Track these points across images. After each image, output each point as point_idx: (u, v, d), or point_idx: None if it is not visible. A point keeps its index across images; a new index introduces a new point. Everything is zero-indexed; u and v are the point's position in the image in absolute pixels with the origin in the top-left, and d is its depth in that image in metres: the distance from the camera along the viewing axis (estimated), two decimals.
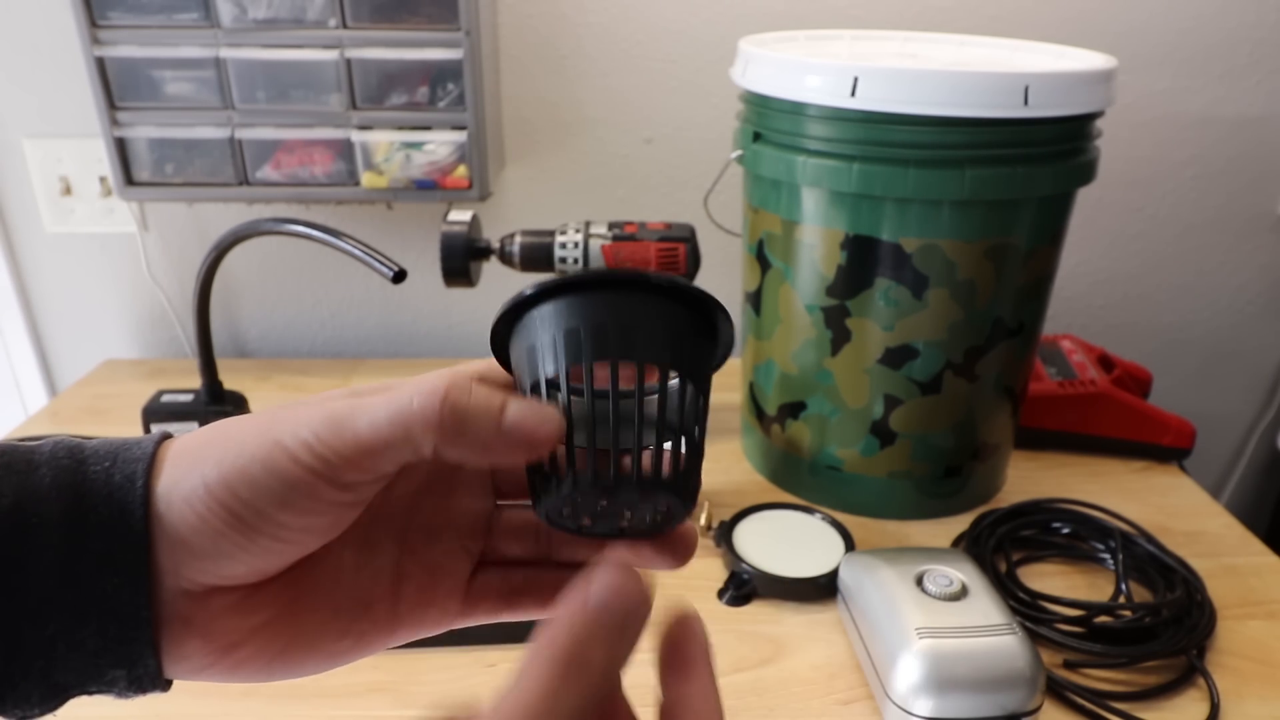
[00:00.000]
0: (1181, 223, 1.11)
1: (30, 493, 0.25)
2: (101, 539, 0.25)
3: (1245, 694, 0.61)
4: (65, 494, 0.25)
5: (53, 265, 1.08)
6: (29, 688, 0.25)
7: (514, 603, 0.31)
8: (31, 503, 0.25)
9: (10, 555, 0.24)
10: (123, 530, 0.25)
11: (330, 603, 0.29)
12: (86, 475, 0.26)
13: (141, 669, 0.26)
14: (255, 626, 0.27)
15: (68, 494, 0.25)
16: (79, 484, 0.25)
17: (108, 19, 0.86)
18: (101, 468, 0.26)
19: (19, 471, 0.25)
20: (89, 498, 0.25)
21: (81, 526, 0.25)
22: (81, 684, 0.26)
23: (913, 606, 0.58)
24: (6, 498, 0.25)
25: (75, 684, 0.26)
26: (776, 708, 0.59)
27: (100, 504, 0.25)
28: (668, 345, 0.28)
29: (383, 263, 0.71)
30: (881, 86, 0.64)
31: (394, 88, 0.90)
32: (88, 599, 0.25)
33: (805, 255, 0.73)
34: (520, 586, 0.31)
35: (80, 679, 0.25)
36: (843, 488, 0.79)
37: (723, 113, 1.02)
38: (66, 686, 0.25)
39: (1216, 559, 0.74)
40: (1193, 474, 0.89)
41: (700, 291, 0.29)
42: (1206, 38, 1.02)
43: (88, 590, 0.25)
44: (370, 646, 0.30)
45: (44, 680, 0.25)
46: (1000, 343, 0.73)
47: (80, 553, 0.25)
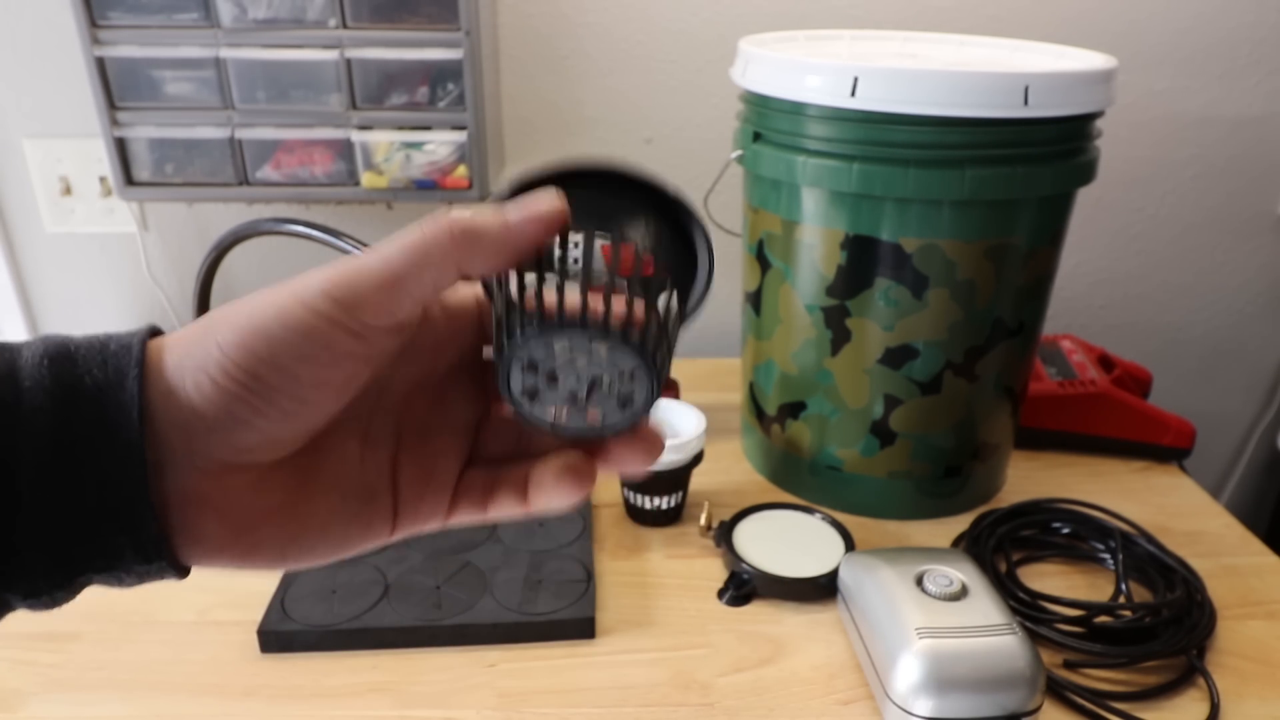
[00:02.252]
0: (1181, 223, 1.11)
1: (17, 363, 0.25)
2: (94, 404, 0.25)
3: (1245, 694, 0.61)
4: (55, 363, 0.25)
5: (53, 265, 1.08)
6: (34, 557, 0.25)
7: (494, 498, 0.32)
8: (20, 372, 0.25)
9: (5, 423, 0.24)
10: (117, 395, 0.25)
11: (338, 489, 0.30)
12: (75, 347, 0.26)
13: (145, 534, 0.26)
14: (270, 508, 0.28)
15: (57, 363, 0.25)
16: (69, 354, 0.25)
17: (108, 19, 0.86)
18: (95, 341, 0.26)
19: (10, 348, 0.25)
20: (80, 364, 0.25)
21: (75, 390, 0.25)
22: (88, 557, 0.25)
23: (913, 606, 0.58)
24: None
25: (82, 557, 0.25)
26: (776, 708, 0.59)
27: (94, 368, 0.25)
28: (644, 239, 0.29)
29: None
30: (881, 86, 0.64)
31: (394, 88, 0.90)
32: (84, 463, 0.25)
33: (805, 255, 0.73)
34: (498, 482, 0.32)
35: (86, 551, 0.25)
36: (843, 488, 0.79)
37: (723, 113, 1.02)
38: (74, 560, 0.25)
39: (1216, 559, 0.74)
40: (1193, 474, 0.89)
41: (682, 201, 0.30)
42: (1206, 38, 1.02)
43: (83, 454, 0.25)
44: (375, 537, 0.31)
45: (49, 549, 0.25)
46: (1000, 343, 0.73)
47: (73, 416, 0.25)
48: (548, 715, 0.58)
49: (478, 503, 0.32)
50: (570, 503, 0.30)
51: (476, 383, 0.33)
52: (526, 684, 0.61)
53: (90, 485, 0.25)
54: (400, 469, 0.32)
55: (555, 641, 0.64)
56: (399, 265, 0.26)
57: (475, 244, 0.26)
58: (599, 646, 0.64)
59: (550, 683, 0.61)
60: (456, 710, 0.59)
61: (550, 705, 0.59)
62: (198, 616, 0.66)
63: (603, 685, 0.61)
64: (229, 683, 0.60)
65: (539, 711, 0.59)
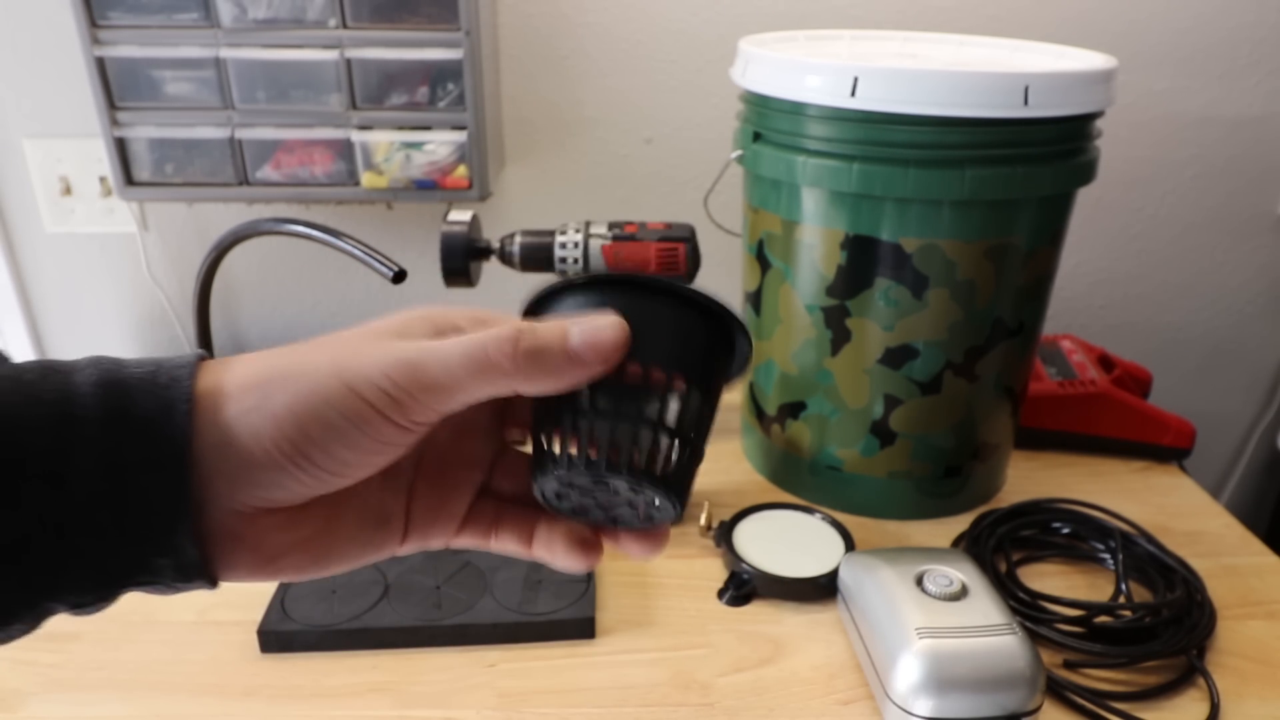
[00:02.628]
0: (1181, 223, 1.11)
1: (72, 390, 0.26)
2: (142, 437, 0.26)
3: (1245, 694, 0.61)
4: (107, 392, 0.26)
5: (53, 265, 1.08)
6: (80, 573, 0.26)
7: (497, 532, 0.34)
8: (73, 400, 0.26)
9: (54, 447, 0.25)
10: (164, 429, 0.26)
11: (359, 517, 0.32)
12: (126, 376, 0.27)
13: (186, 558, 0.27)
14: (297, 541, 0.30)
15: (110, 391, 0.26)
16: (120, 383, 0.26)
17: (108, 19, 0.86)
18: (144, 371, 0.27)
19: (61, 372, 0.26)
20: (131, 395, 0.26)
21: (122, 422, 0.26)
22: (130, 573, 0.27)
23: (913, 606, 0.58)
24: (50, 393, 0.26)
25: (124, 573, 0.27)
26: (776, 708, 0.59)
27: (142, 400, 0.26)
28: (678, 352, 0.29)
29: (383, 263, 0.71)
30: (881, 86, 0.64)
31: (394, 88, 0.90)
32: (130, 493, 0.26)
33: (805, 255, 0.73)
34: (504, 519, 0.34)
35: (128, 568, 0.27)
36: (843, 488, 0.79)
37: (723, 113, 1.02)
38: (117, 575, 0.27)
39: (1216, 559, 0.74)
40: (1193, 474, 0.89)
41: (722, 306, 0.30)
42: (1206, 38, 1.02)
43: (130, 485, 0.26)
44: (382, 553, 0.33)
45: (94, 566, 0.26)
46: (1000, 343, 0.73)
47: (121, 447, 0.26)
48: (548, 715, 0.58)
49: (483, 531, 0.34)
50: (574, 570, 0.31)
51: (497, 419, 0.35)
52: (526, 684, 0.61)
53: (135, 514, 0.26)
54: (416, 497, 0.34)
55: (555, 641, 0.64)
56: (459, 377, 0.27)
57: (537, 368, 0.27)
58: (599, 646, 0.64)
59: (550, 683, 0.61)
60: (456, 710, 0.59)
61: (550, 705, 0.59)
62: (198, 616, 0.66)
63: (603, 685, 0.61)
64: (229, 683, 0.61)
65: (539, 711, 0.59)
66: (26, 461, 0.25)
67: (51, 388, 0.26)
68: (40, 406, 0.25)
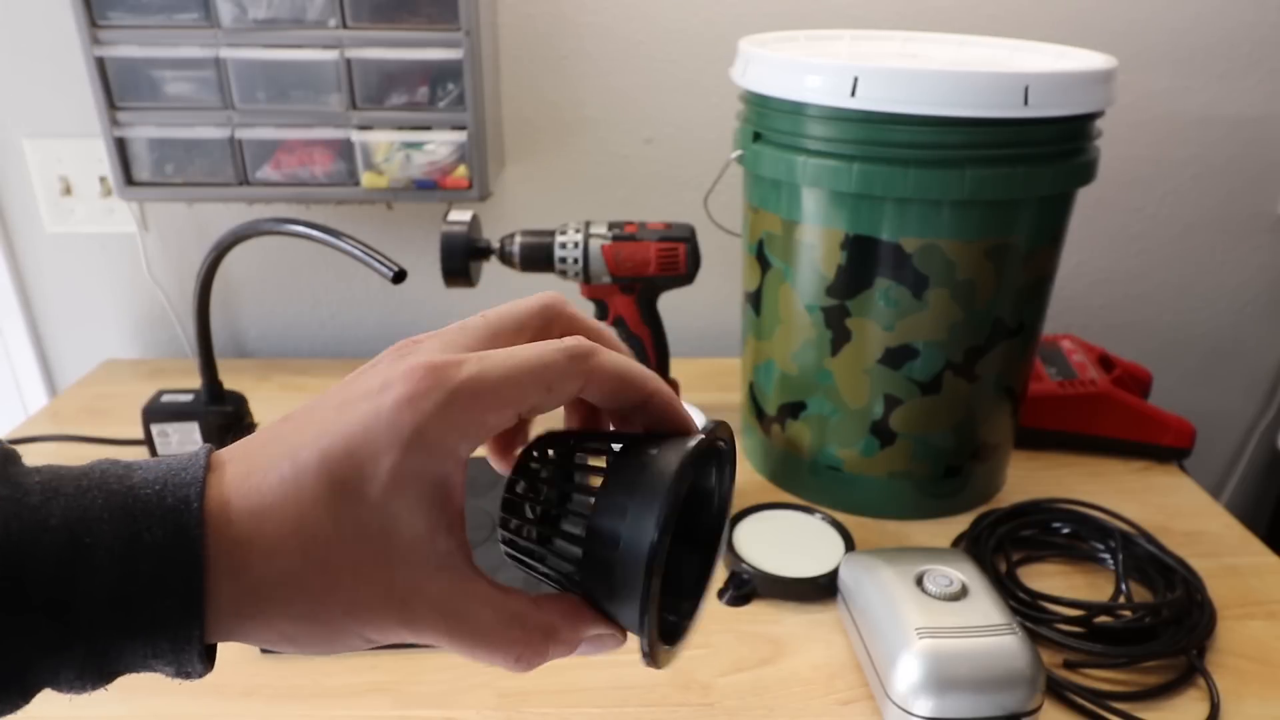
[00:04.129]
0: (1181, 222, 1.11)
1: (81, 514, 0.25)
2: (154, 562, 0.25)
3: (1245, 694, 0.61)
4: (117, 516, 0.25)
5: (53, 265, 1.08)
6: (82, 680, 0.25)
7: None
8: (83, 524, 0.25)
9: (62, 575, 0.24)
10: (176, 554, 0.25)
11: None
12: (138, 496, 0.25)
13: (190, 669, 0.26)
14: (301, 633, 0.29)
15: (120, 516, 0.25)
16: (131, 506, 0.25)
17: (108, 19, 0.86)
18: (153, 490, 0.26)
19: (67, 494, 0.25)
20: (141, 519, 0.25)
21: (134, 548, 0.25)
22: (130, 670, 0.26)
23: (913, 606, 0.58)
24: (55, 518, 0.24)
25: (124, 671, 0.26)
26: (776, 708, 0.59)
27: (154, 525, 0.25)
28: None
29: (383, 263, 0.71)
30: (881, 86, 0.64)
31: (394, 88, 0.90)
32: (139, 619, 0.25)
33: (805, 255, 0.73)
34: None
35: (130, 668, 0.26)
36: (843, 488, 0.79)
37: (723, 113, 1.02)
38: (116, 674, 0.26)
39: (1216, 559, 0.74)
40: (1193, 474, 0.89)
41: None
42: (1206, 37, 1.02)
43: (138, 611, 0.25)
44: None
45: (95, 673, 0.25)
46: (1000, 343, 0.73)
47: (133, 575, 0.25)
48: (548, 715, 0.58)
49: None
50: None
51: None
52: (526, 684, 0.61)
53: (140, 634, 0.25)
54: None
55: None
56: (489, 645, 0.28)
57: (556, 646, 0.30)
58: None
59: (550, 683, 0.61)
60: (456, 710, 0.59)
61: (550, 705, 0.59)
62: None
63: (603, 685, 0.61)
64: (229, 683, 0.60)
65: (539, 711, 0.59)
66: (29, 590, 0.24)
67: (57, 511, 0.25)
68: (45, 534, 0.24)
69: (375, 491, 0.26)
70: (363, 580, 0.26)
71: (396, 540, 0.26)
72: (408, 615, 0.27)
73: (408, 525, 0.26)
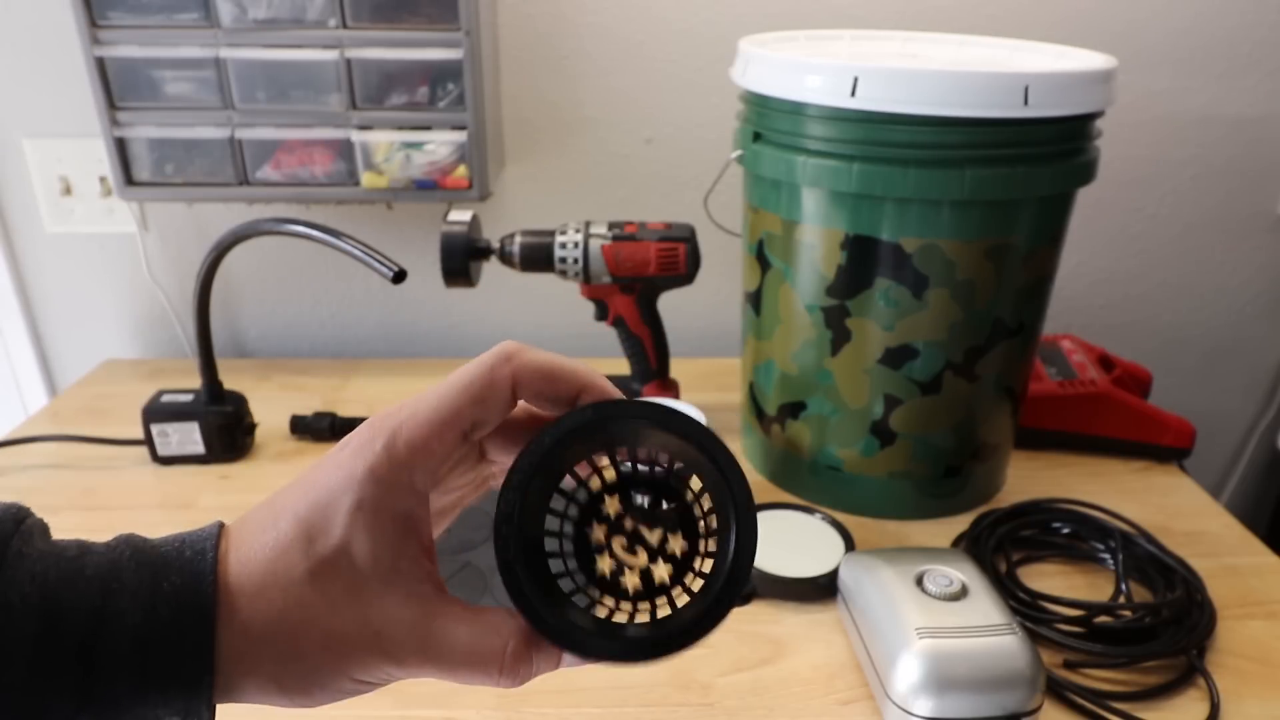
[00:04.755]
0: (1181, 222, 1.11)
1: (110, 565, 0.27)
2: (173, 606, 0.27)
3: (1245, 694, 0.61)
4: (143, 567, 0.28)
5: (53, 265, 1.08)
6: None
7: None
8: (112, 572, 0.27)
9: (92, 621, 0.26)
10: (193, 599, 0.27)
11: None
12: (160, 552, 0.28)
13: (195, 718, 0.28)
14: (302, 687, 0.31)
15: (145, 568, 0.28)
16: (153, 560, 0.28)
17: (108, 19, 0.86)
18: (172, 547, 0.29)
19: (99, 551, 0.28)
20: (163, 570, 0.28)
21: (157, 594, 0.27)
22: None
23: (913, 606, 0.58)
24: (90, 569, 0.27)
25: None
26: (776, 708, 0.59)
27: (173, 575, 0.28)
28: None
29: (383, 263, 0.71)
30: (881, 86, 0.64)
31: (394, 88, 0.90)
32: (156, 660, 0.27)
33: (805, 255, 0.73)
34: None
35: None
36: (843, 488, 0.79)
37: (723, 113, 1.02)
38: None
39: (1216, 559, 0.74)
40: (1193, 474, 0.89)
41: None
42: (1206, 38, 1.02)
43: (156, 652, 0.27)
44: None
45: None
46: (1000, 343, 0.73)
47: (153, 617, 0.27)
48: (548, 715, 0.58)
49: None
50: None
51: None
52: (526, 684, 0.61)
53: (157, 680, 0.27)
54: None
55: None
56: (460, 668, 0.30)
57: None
58: None
59: (550, 683, 0.61)
60: (456, 710, 0.59)
61: (550, 705, 0.59)
62: None
63: (603, 685, 0.61)
64: None
65: (539, 711, 0.59)
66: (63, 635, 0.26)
67: (92, 564, 0.27)
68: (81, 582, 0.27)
69: (339, 530, 0.28)
70: (337, 613, 0.28)
71: (364, 572, 0.29)
72: (383, 645, 0.29)
73: (374, 557, 0.29)
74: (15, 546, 0.27)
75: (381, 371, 1.06)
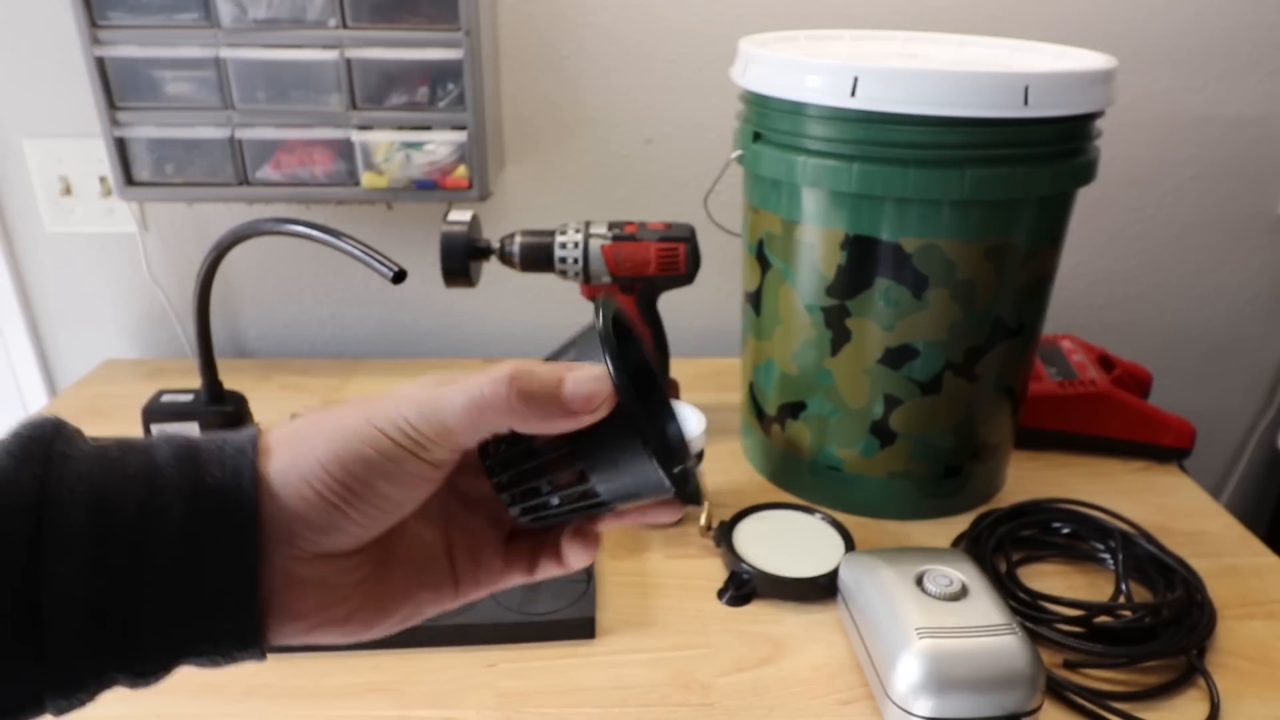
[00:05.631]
0: (1181, 222, 1.11)
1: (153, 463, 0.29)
2: (217, 500, 0.29)
3: (1245, 694, 0.61)
4: (184, 464, 0.29)
5: (53, 265, 1.08)
6: (150, 639, 0.29)
7: (537, 565, 0.37)
8: (155, 470, 0.29)
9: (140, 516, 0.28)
10: (235, 494, 0.29)
11: (408, 560, 0.35)
12: (200, 449, 0.30)
13: (247, 620, 0.30)
14: (357, 581, 0.33)
15: (186, 464, 0.29)
16: (194, 456, 0.30)
17: (108, 19, 0.86)
18: (213, 444, 0.30)
19: (140, 449, 0.30)
20: (205, 465, 0.29)
21: (200, 489, 0.29)
22: (194, 641, 0.29)
23: (913, 606, 0.58)
24: (133, 467, 0.29)
25: (189, 640, 0.29)
26: (776, 708, 0.59)
27: (215, 470, 0.29)
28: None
29: (383, 263, 0.71)
30: (881, 86, 0.64)
31: (394, 88, 0.90)
32: (205, 553, 0.28)
33: (805, 255, 0.73)
34: (539, 551, 0.37)
35: (194, 634, 0.29)
36: (843, 488, 0.79)
37: (723, 113, 1.02)
38: (181, 643, 0.29)
39: (1216, 559, 0.74)
40: (1193, 474, 0.89)
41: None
42: (1206, 38, 1.02)
43: (205, 545, 0.28)
44: (444, 601, 0.37)
45: (164, 633, 0.29)
46: (1000, 343, 0.73)
47: (198, 512, 0.28)
48: (548, 715, 0.58)
49: (527, 568, 0.37)
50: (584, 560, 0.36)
51: None
52: (526, 684, 0.61)
53: (207, 575, 0.29)
54: (453, 541, 0.37)
55: (555, 641, 0.64)
56: (462, 418, 0.30)
57: (530, 408, 0.30)
58: (599, 646, 0.64)
59: (550, 683, 0.61)
60: (456, 710, 0.59)
61: (550, 705, 0.59)
62: None
63: (603, 685, 0.61)
64: (229, 683, 0.60)
65: (539, 711, 0.59)
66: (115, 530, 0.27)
67: (134, 463, 0.29)
68: (126, 481, 0.28)
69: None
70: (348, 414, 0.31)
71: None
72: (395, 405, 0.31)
73: None
74: (58, 447, 0.28)
75: (381, 371, 1.06)
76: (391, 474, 0.30)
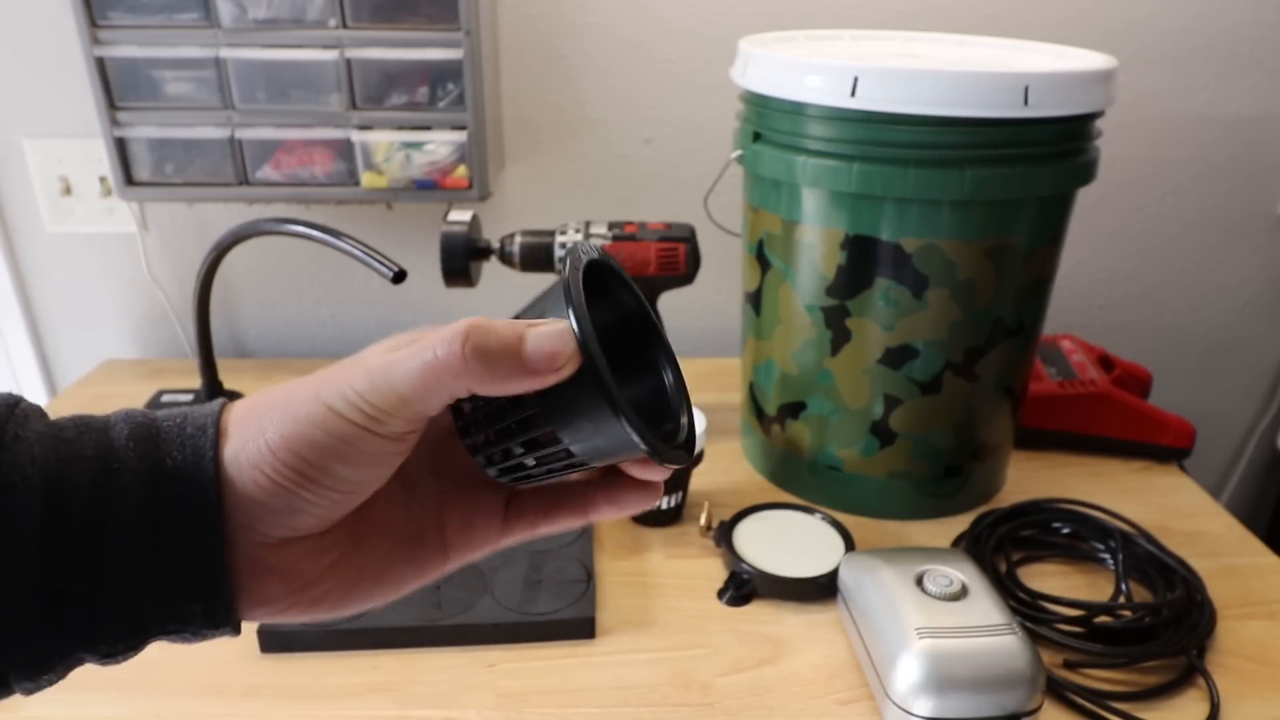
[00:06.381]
0: (1181, 222, 1.11)
1: (109, 445, 0.28)
2: (176, 483, 0.28)
3: (1245, 694, 0.61)
4: (142, 444, 0.28)
5: (53, 265, 1.08)
6: (114, 622, 0.27)
7: (552, 516, 0.34)
8: (111, 452, 0.28)
9: (95, 500, 0.27)
10: (195, 476, 0.28)
11: (388, 537, 0.33)
12: (160, 428, 0.29)
13: (217, 602, 0.28)
14: (328, 565, 0.31)
15: (144, 444, 0.28)
16: (153, 435, 0.28)
17: (108, 19, 0.86)
18: (173, 422, 0.29)
19: (97, 429, 0.28)
20: (164, 446, 0.28)
21: (158, 471, 0.28)
22: (161, 622, 0.28)
23: (913, 606, 0.58)
24: (89, 449, 0.27)
25: (155, 620, 0.28)
26: (776, 708, 0.59)
27: (174, 451, 0.28)
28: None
29: (383, 263, 0.71)
30: (881, 86, 0.64)
31: (394, 88, 0.90)
32: (166, 537, 0.27)
33: (805, 255, 0.73)
34: (555, 502, 0.34)
35: (160, 615, 0.28)
36: (843, 488, 0.79)
37: (723, 113, 1.02)
38: (148, 624, 0.28)
39: (1216, 559, 0.74)
40: (1193, 474, 0.89)
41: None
42: (1206, 37, 1.02)
43: (165, 530, 0.27)
44: (429, 572, 0.34)
45: (128, 614, 0.27)
46: (1000, 343, 0.73)
47: (157, 495, 0.27)
48: (548, 715, 0.58)
49: (532, 522, 0.34)
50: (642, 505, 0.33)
51: None
52: (526, 684, 0.61)
53: (169, 558, 0.28)
54: (446, 505, 0.34)
55: (555, 641, 0.64)
56: (417, 384, 0.27)
57: (488, 368, 0.27)
58: (599, 646, 0.64)
59: (550, 683, 0.61)
60: (456, 710, 0.59)
61: (550, 705, 0.59)
62: None
63: (603, 685, 0.61)
64: (229, 683, 0.61)
65: (539, 711, 0.59)
66: (70, 514, 0.26)
67: (90, 444, 0.28)
68: (81, 463, 0.27)
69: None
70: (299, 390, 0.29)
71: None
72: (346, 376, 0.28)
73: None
74: (11, 430, 0.27)
75: None
76: (346, 455, 0.28)
